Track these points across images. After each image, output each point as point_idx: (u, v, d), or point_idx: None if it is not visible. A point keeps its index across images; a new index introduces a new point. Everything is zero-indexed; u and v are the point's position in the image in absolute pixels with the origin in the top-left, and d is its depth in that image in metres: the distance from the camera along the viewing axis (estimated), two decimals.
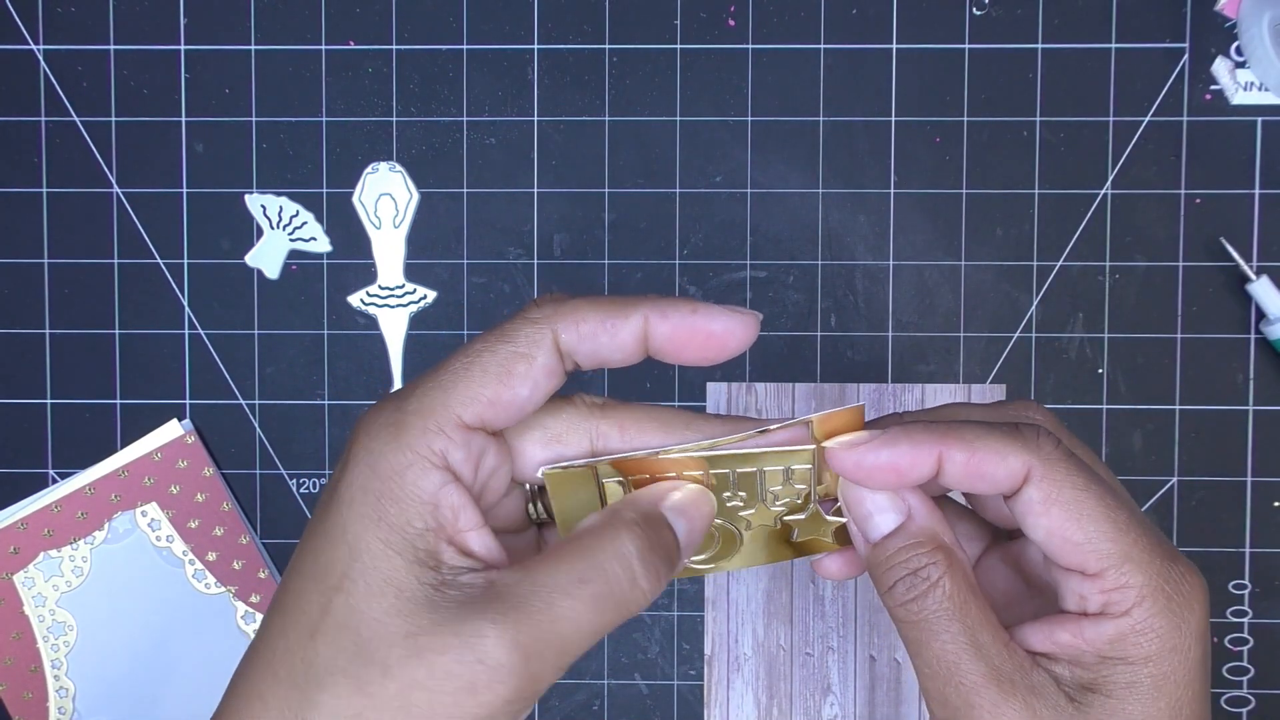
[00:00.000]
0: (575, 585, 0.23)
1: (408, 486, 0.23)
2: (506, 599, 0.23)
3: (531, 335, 0.25)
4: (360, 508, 0.23)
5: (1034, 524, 0.25)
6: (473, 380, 0.24)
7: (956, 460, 0.25)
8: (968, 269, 0.47)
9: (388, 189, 0.47)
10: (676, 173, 0.47)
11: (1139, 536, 0.25)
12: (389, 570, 0.23)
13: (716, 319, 0.26)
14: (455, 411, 0.24)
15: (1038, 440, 0.25)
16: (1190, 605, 0.25)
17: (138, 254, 0.47)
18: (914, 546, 0.26)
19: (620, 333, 0.25)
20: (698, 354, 0.26)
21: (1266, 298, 0.45)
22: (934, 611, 0.25)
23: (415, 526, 0.23)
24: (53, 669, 0.47)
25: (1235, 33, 0.46)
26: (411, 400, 0.24)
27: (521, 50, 0.47)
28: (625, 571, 0.24)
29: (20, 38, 0.47)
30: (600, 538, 0.24)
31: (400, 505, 0.23)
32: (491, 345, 0.25)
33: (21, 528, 0.47)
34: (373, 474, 0.24)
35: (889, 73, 0.47)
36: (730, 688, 0.47)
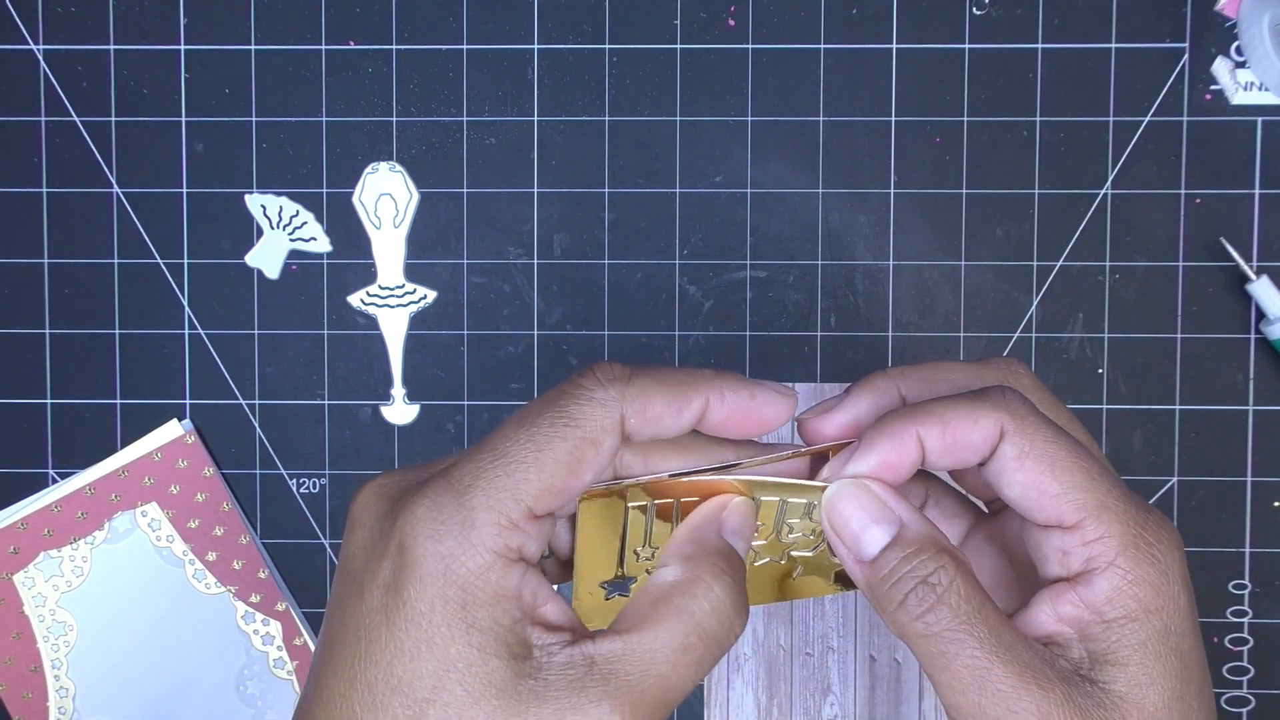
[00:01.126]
0: (679, 653, 0.23)
1: (492, 588, 0.23)
2: (614, 676, 0.23)
3: (602, 421, 0.24)
4: (443, 616, 0.23)
5: (1009, 480, 0.25)
6: (544, 471, 0.23)
7: (934, 437, 0.25)
8: (968, 269, 0.47)
9: (388, 189, 0.47)
10: (676, 173, 0.47)
11: (1111, 486, 0.25)
12: (487, 673, 0.23)
13: (769, 405, 0.26)
14: (527, 505, 0.23)
15: (1005, 399, 0.25)
16: (1170, 552, 0.24)
17: (138, 254, 0.47)
18: (916, 554, 0.25)
19: (682, 416, 0.25)
20: (742, 432, 0.26)
21: (1266, 298, 0.45)
22: (953, 620, 0.24)
23: (504, 623, 0.23)
24: (53, 669, 0.47)
25: (1235, 33, 0.46)
26: (476, 493, 0.23)
27: (521, 50, 0.47)
28: (724, 625, 0.24)
29: (20, 38, 0.47)
30: (694, 596, 0.24)
31: (488, 608, 0.23)
32: (560, 431, 0.24)
33: (21, 528, 0.47)
34: (450, 581, 0.23)
35: (889, 73, 0.47)
36: (730, 688, 0.47)
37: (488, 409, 0.47)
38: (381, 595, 0.23)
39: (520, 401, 0.47)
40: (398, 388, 0.47)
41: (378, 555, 0.24)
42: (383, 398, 0.47)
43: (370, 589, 0.23)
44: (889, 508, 0.26)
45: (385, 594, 0.23)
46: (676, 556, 0.25)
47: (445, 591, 0.23)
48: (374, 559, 0.24)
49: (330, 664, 0.24)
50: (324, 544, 0.48)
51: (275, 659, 0.48)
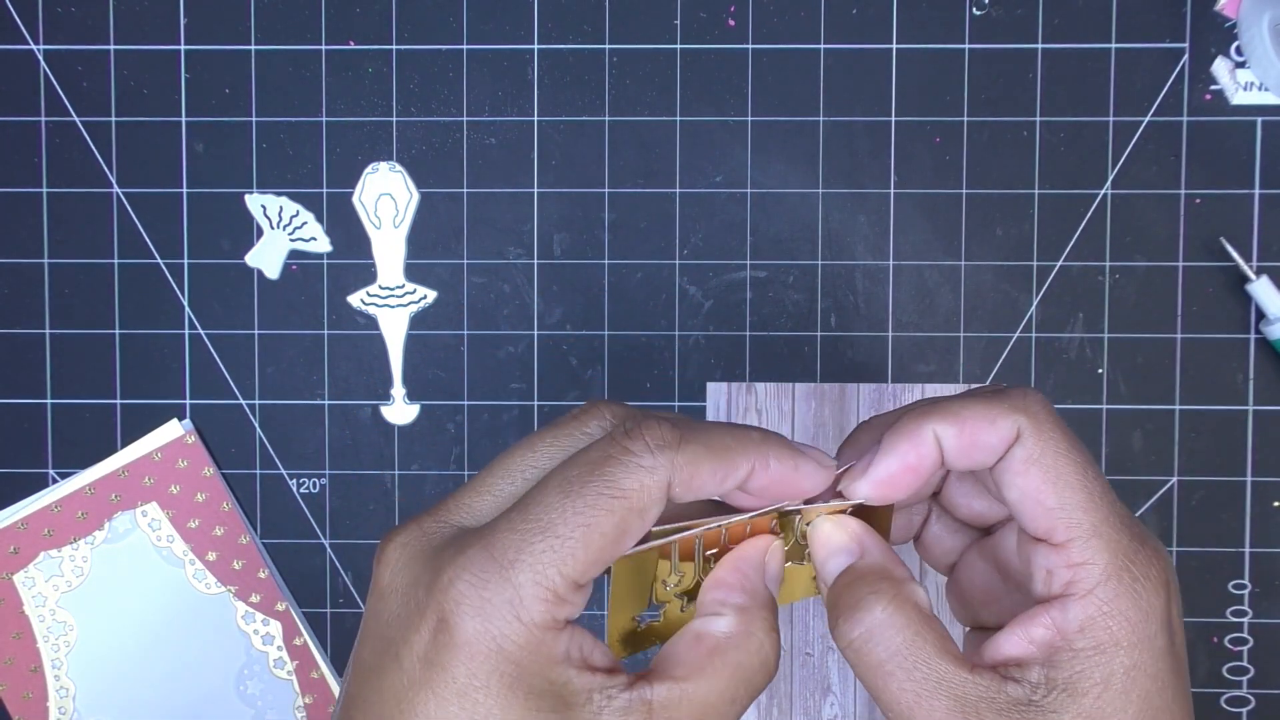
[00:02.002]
0: (729, 704, 0.24)
1: (544, 658, 0.23)
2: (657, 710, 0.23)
3: (650, 491, 0.24)
4: (499, 689, 0.22)
5: (1010, 483, 0.25)
6: (591, 545, 0.23)
7: (950, 436, 0.25)
8: (968, 269, 0.47)
9: (388, 189, 0.47)
10: (676, 173, 0.47)
11: (1109, 514, 0.25)
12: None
13: (810, 477, 0.26)
14: (573, 579, 0.23)
15: (1025, 400, 0.25)
16: (1156, 589, 0.24)
17: (138, 254, 0.47)
18: (858, 582, 0.26)
19: (727, 483, 0.25)
20: (779, 499, 0.26)
21: (1266, 298, 0.45)
22: (885, 649, 0.24)
23: (555, 683, 0.23)
24: (53, 669, 0.47)
25: (1235, 33, 0.46)
26: (523, 568, 0.23)
27: (521, 50, 0.47)
28: (766, 675, 0.25)
29: (20, 38, 0.47)
30: (748, 651, 0.25)
31: (541, 675, 0.23)
32: (607, 502, 0.23)
33: (21, 528, 0.47)
34: (502, 657, 0.22)
35: (889, 73, 0.47)
36: None
37: (488, 409, 0.47)
38: (422, 669, 0.23)
39: (521, 402, 0.47)
40: (398, 388, 0.47)
41: (413, 625, 0.23)
42: (383, 398, 0.47)
43: (408, 659, 0.23)
44: (857, 540, 0.27)
45: (426, 668, 0.23)
46: (729, 605, 0.26)
47: (500, 668, 0.22)
48: (410, 629, 0.23)
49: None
50: (324, 544, 0.48)
51: (275, 659, 0.48)
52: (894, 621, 0.25)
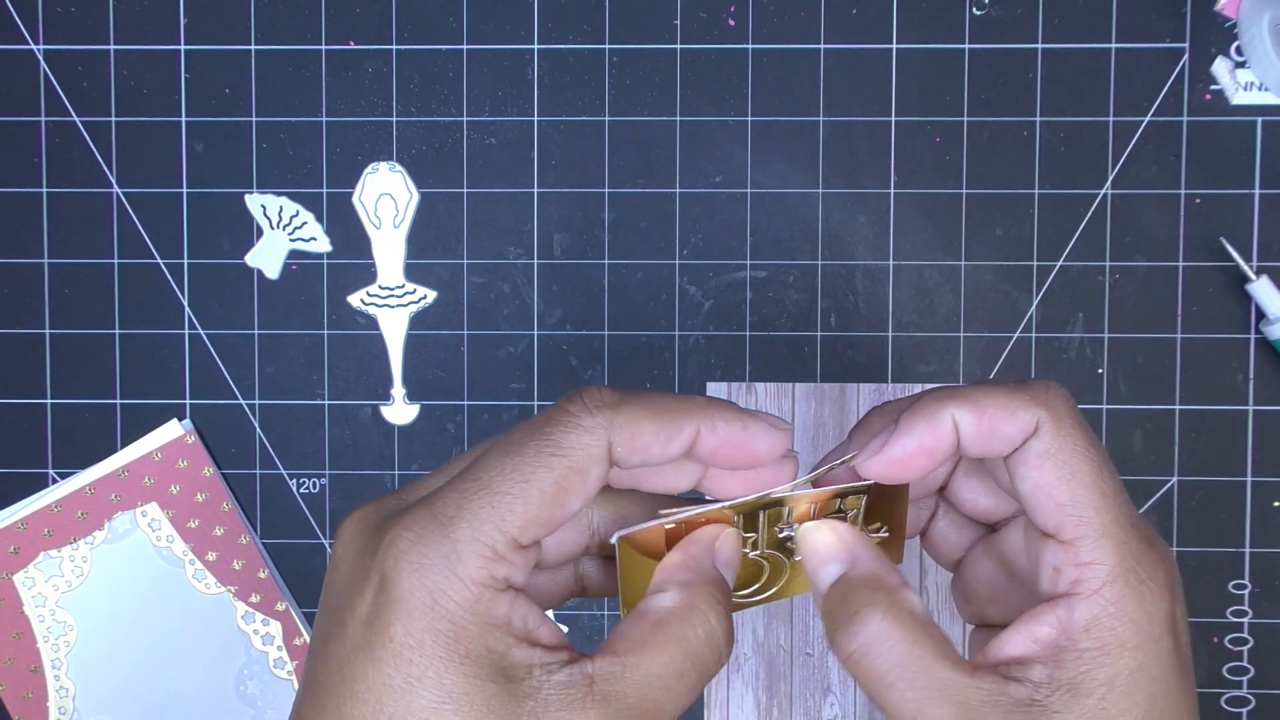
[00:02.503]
0: (675, 679, 0.24)
1: (480, 619, 0.23)
2: (613, 697, 0.23)
3: (589, 450, 0.24)
4: (434, 650, 0.22)
5: (1024, 475, 0.25)
6: (530, 502, 0.23)
7: (969, 423, 0.25)
8: (968, 269, 0.47)
9: (388, 189, 0.47)
10: (676, 173, 0.47)
11: (1120, 514, 0.24)
12: (485, 700, 0.22)
13: (761, 438, 0.26)
14: (512, 536, 0.23)
15: (1048, 394, 0.25)
16: (1161, 592, 0.24)
17: (138, 254, 0.47)
18: (853, 592, 0.25)
19: (672, 445, 0.25)
20: (733, 464, 0.26)
21: (1266, 298, 0.45)
22: (885, 660, 0.24)
23: (496, 650, 0.23)
24: (53, 669, 0.47)
25: (1235, 33, 0.46)
26: (461, 525, 0.23)
27: (521, 50, 0.47)
28: (715, 654, 0.24)
29: (20, 38, 0.47)
30: (691, 624, 0.25)
31: (477, 639, 0.23)
32: (546, 459, 0.23)
33: (21, 528, 0.47)
34: (439, 615, 0.22)
35: (889, 73, 0.47)
36: (730, 688, 0.47)
37: (488, 409, 0.47)
38: (364, 631, 0.23)
39: (521, 402, 0.47)
40: (398, 388, 0.47)
41: (358, 590, 0.23)
42: (383, 398, 0.47)
43: (351, 624, 0.23)
44: (847, 547, 0.27)
45: (368, 629, 0.23)
46: (674, 582, 0.25)
47: (435, 626, 0.22)
48: (355, 594, 0.23)
49: (313, 704, 0.23)
50: (324, 544, 0.48)
51: (275, 659, 0.48)
52: (891, 632, 0.24)
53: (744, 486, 0.27)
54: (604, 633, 0.48)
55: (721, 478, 0.27)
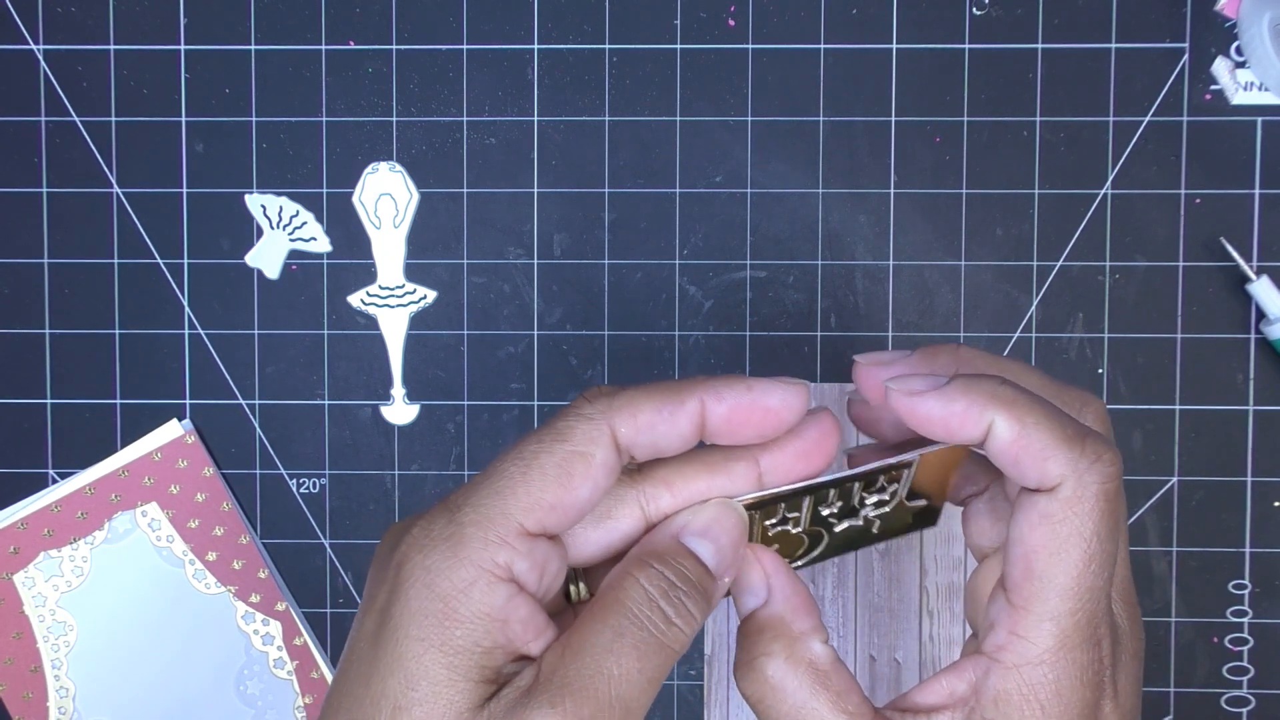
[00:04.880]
0: (613, 642, 0.23)
1: (474, 605, 0.22)
2: (555, 680, 0.22)
3: (589, 433, 0.24)
4: (420, 631, 0.22)
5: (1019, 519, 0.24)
6: (531, 485, 0.23)
7: (1001, 438, 0.24)
8: (968, 269, 0.47)
9: (388, 189, 0.47)
10: (676, 173, 0.47)
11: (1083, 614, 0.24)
12: (451, 695, 0.22)
13: (772, 394, 0.25)
14: (516, 520, 0.23)
15: (1094, 461, 0.23)
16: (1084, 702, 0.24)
17: (138, 254, 0.47)
18: (755, 635, 0.25)
19: (678, 420, 0.24)
20: (755, 431, 0.25)
21: (1266, 298, 0.45)
22: (779, 710, 0.24)
23: (483, 645, 0.22)
24: (53, 669, 0.47)
25: (1235, 33, 0.46)
26: (466, 510, 0.23)
27: (521, 50, 0.47)
28: (655, 612, 0.23)
29: (20, 38, 0.47)
30: (621, 589, 0.24)
31: (467, 626, 0.22)
32: (548, 446, 0.23)
33: (21, 528, 0.47)
34: (431, 594, 0.22)
35: (889, 73, 0.47)
36: (730, 688, 0.47)
37: (488, 409, 0.47)
38: (376, 618, 0.23)
39: (521, 402, 0.47)
40: (398, 388, 0.47)
41: (378, 582, 0.23)
42: (383, 398, 0.47)
43: (369, 614, 0.23)
44: (763, 580, 0.26)
45: (379, 616, 0.23)
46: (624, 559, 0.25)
47: (425, 605, 0.22)
48: (375, 586, 0.24)
49: (330, 694, 0.24)
50: (324, 544, 0.48)
51: (275, 659, 0.48)
52: (786, 684, 0.24)
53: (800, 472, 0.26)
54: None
55: (776, 469, 0.26)
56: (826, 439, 0.26)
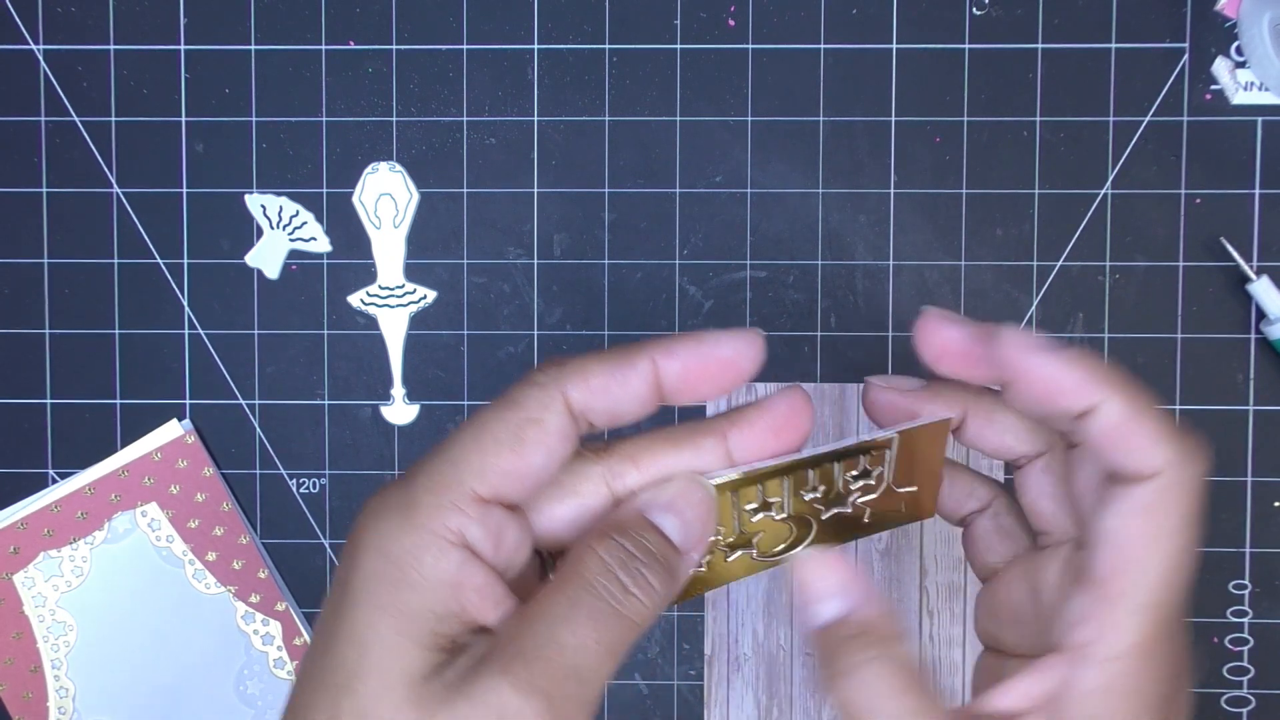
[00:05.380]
0: (569, 610, 0.22)
1: (426, 569, 0.22)
2: (509, 648, 0.22)
3: (540, 399, 0.23)
4: (372, 598, 0.22)
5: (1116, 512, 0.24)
6: (484, 451, 0.23)
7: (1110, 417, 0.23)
8: (968, 269, 0.47)
9: (388, 189, 0.47)
10: (676, 173, 0.47)
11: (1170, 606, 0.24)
12: (404, 662, 0.22)
13: (724, 344, 0.25)
14: (469, 485, 0.23)
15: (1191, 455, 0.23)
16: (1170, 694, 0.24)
17: (138, 254, 0.47)
18: (850, 641, 0.25)
19: (630, 380, 0.24)
20: (713, 385, 0.25)
21: (1266, 298, 0.45)
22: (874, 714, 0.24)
23: (436, 611, 0.22)
24: (53, 669, 0.47)
25: (1235, 33, 0.46)
26: (420, 478, 0.23)
27: (521, 50, 0.47)
28: (612, 581, 0.23)
29: (20, 38, 0.47)
30: (579, 559, 0.23)
31: (419, 591, 0.22)
32: (499, 414, 0.23)
33: (21, 528, 0.47)
34: (384, 559, 0.22)
35: (889, 73, 0.47)
36: (730, 688, 0.47)
37: None
38: (337, 590, 0.23)
39: None
40: (398, 388, 0.47)
41: (343, 556, 0.24)
42: (383, 398, 0.47)
43: (333, 587, 0.23)
44: (844, 587, 0.26)
45: (339, 588, 0.23)
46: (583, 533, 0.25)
47: (378, 570, 0.22)
48: (341, 560, 0.24)
49: (298, 669, 0.24)
50: (324, 544, 0.48)
51: (275, 659, 0.48)
52: (883, 689, 0.24)
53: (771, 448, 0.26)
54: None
55: (747, 446, 0.26)
56: (797, 414, 0.26)
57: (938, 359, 0.26)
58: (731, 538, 0.27)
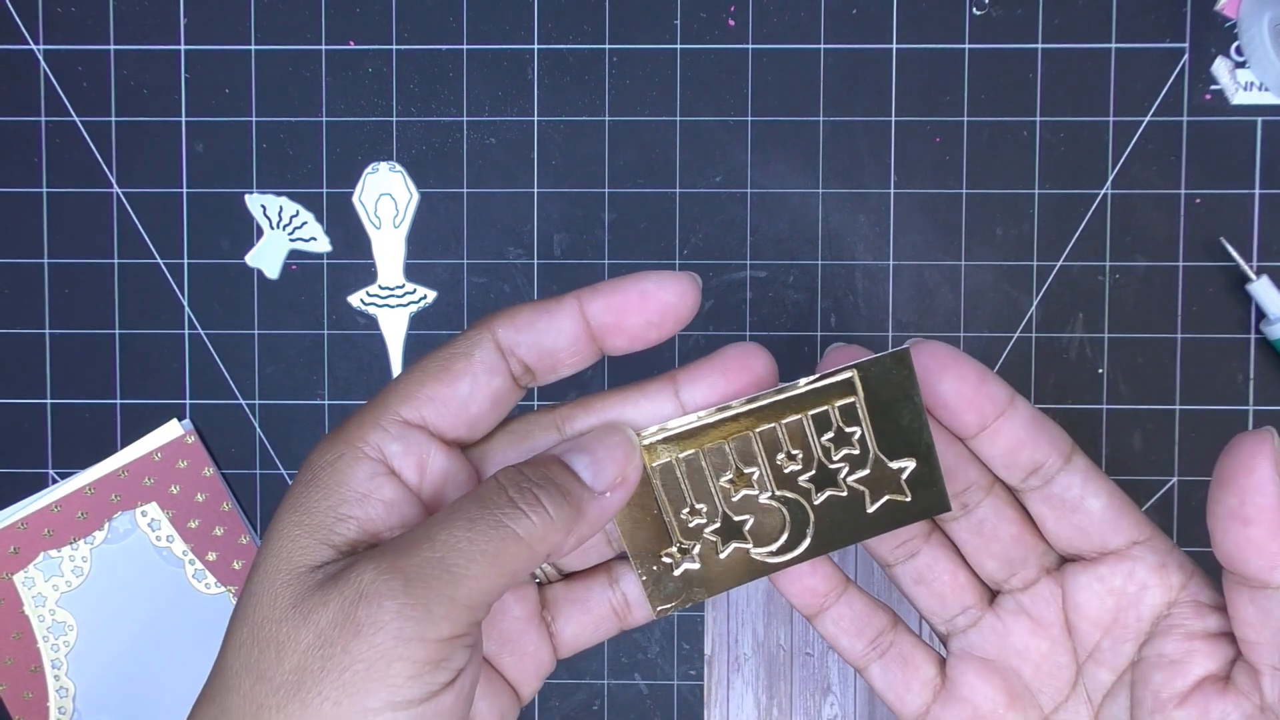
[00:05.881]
0: (448, 515, 0.22)
1: (335, 474, 0.23)
2: (386, 545, 0.22)
3: (469, 336, 0.25)
4: (290, 501, 0.23)
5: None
6: (412, 380, 0.24)
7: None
8: (968, 269, 0.47)
9: (388, 189, 0.47)
10: (676, 173, 0.47)
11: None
12: (298, 554, 0.22)
13: (648, 279, 0.25)
14: (393, 408, 0.24)
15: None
16: None
17: (138, 254, 0.47)
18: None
19: (557, 317, 0.24)
20: (644, 322, 0.25)
21: (1266, 298, 0.45)
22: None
23: (338, 512, 0.23)
24: (53, 669, 0.47)
25: (1235, 33, 0.46)
26: (358, 413, 0.24)
27: (521, 50, 0.47)
28: (499, 495, 0.23)
29: (20, 38, 0.47)
30: (481, 484, 0.24)
31: (324, 491, 0.23)
32: (434, 352, 0.25)
33: (21, 528, 0.47)
34: (308, 469, 0.24)
35: (889, 73, 0.47)
36: (730, 688, 0.47)
37: None
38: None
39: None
40: None
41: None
42: None
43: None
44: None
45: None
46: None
47: (303, 477, 0.24)
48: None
49: None
50: None
51: None
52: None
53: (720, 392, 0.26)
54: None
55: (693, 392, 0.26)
56: (749, 357, 0.26)
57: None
58: (717, 522, 0.26)
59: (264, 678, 0.21)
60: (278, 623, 0.22)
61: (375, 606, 0.21)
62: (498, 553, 0.22)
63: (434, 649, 0.21)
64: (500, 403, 0.25)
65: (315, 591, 0.22)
